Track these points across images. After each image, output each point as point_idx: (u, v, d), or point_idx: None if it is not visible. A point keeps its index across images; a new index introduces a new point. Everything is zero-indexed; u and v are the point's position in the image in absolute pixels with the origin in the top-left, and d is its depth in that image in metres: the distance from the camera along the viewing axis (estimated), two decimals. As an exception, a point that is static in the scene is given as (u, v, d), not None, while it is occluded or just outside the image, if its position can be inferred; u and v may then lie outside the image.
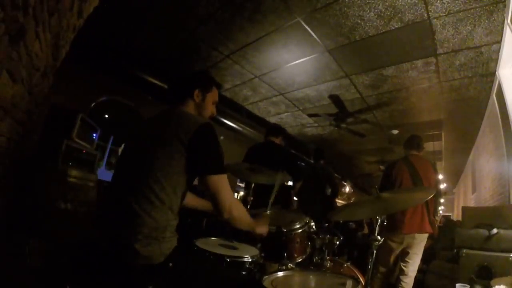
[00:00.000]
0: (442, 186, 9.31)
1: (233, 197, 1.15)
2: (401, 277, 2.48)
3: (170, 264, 1.03)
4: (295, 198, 3.90)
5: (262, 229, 1.40)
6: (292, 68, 4.13)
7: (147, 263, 1.00)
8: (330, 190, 3.99)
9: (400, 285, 2.47)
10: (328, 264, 1.82)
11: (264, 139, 3.19)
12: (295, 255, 1.66)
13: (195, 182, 1.22)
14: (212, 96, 1.39)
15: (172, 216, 1.09)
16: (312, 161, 4.19)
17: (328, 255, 1.83)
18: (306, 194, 3.81)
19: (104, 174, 4.81)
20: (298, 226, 1.70)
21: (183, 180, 1.11)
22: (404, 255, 2.50)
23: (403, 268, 2.49)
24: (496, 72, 3.52)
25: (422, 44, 3.22)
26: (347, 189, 10.76)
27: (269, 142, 3.07)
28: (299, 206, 3.81)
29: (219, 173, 1.12)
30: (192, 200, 1.53)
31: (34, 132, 2.19)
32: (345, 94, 4.70)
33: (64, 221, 2.07)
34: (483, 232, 2.64)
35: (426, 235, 2.48)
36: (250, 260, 1.38)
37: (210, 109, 1.40)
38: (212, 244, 1.52)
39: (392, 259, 2.54)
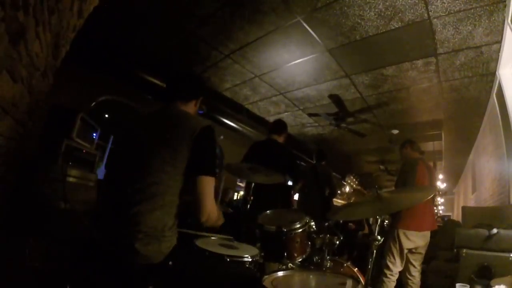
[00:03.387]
0: (443, 186, 9.35)
1: (213, 202, 1.16)
2: (413, 272, 2.55)
3: (170, 263, 1.04)
4: (295, 198, 3.89)
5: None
6: (292, 67, 4.13)
7: (147, 262, 1.00)
8: (328, 191, 4.01)
9: (411, 279, 2.54)
10: (328, 264, 1.82)
11: (267, 136, 3.13)
12: (295, 255, 1.67)
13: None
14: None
15: (172, 215, 1.09)
16: (314, 161, 4.18)
17: (328, 255, 1.83)
18: (306, 194, 3.82)
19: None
20: (298, 226, 1.70)
21: (182, 180, 1.12)
22: (416, 250, 2.53)
23: (414, 263, 2.56)
24: (496, 72, 3.52)
25: (422, 43, 3.22)
26: (347, 189, 10.75)
27: (271, 140, 3.03)
28: (298, 206, 3.81)
29: (211, 175, 1.14)
30: None
31: (34, 132, 2.19)
32: (345, 93, 4.70)
33: (64, 221, 2.07)
34: (483, 232, 2.64)
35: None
36: (250, 259, 1.38)
37: None
38: (212, 244, 1.52)
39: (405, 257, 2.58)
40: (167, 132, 1.14)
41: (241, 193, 6.85)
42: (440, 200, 11.09)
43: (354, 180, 10.41)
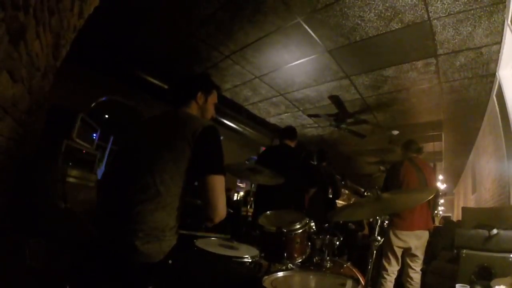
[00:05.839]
0: (443, 186, 9.33)
1: (225, 201, 1.14)
2: (411, 274, 2.53)
3: (170, 261, 1.04)
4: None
5: None
6: (292, 68, 4.13)
7: (146, 261, 1.00)
8: (332, 192, 3.99)
9: (409, 281, 2.52)
10: (328, 265, 1.81)
11: (279, 141, 3.13)
12: (295, 256, 1.66)
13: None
14: (213, 98, 1.44)
15: (174, 216, 1.09)
16: (315, 162, 4.17)
17: (328, 256, 1.83)
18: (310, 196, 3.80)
19: (104, 174, 4.81)
20: (298, 226, 1.70)
21: (186, 182, 1.12)
22: (410, 250, 2.53)
23: (411, 264, 2.54)
24: (496, 73, 3.52)
25: (422, 45, 3.22)
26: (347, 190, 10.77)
27: (284, 145, 3.03)
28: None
29: (220, 174, 1.13)
30: None
31: (34, 132, 2.19)
32: (345, 94, 4.70)
33: (64, 221, 2.06)
34: (483, 232, 2.64)
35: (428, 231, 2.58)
36: (250, 260, 1.38)
37: (211, 111, 1.45)
38: (212, 244, 1.52)
39: (400, 256, 2.57)
40: (169, 133, 1.14)
41: (241, 193, 6.85)
42: (440, 200, 11.08)
43: (350, 186, 10.46)
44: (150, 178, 1.05)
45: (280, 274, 1.28)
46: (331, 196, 3.99)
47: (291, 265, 1.59)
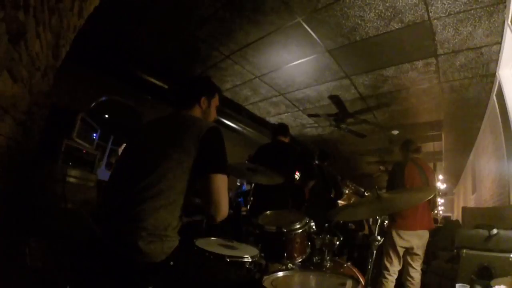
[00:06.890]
0: (443, 186, 9.34)
1: (227, 200, 1.15)
2: (412, 273, 2.54)
3: (171, 263, 1.04)
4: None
5: None
6: (292, 68, 4.13)
7: (148, 261, 1.00)
8: (334, 192, 3.99)
9: (410, 280, 2.53)
10: (328, 264, 1.82)
11: (272, 139, 3.16)
12: (295, 255, 1.67)
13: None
14: (215, 101, 1.47)
15: (176, 216, 1.10)
16: (316, 162, 4.16)
17: (328, 255, 1.83)
18: (313, 195, 3.79)
19: (104, 174, 4.81)
20: (298, 226, 1.70)
21: (189, 182, 1.12)
22: (412, 250, 2.53)
23: (412, 263, 2.54)
24: (496, 73, 3.52)
25: (422, 44, 3.22)
26: (347, 190, 10.76)
27: (279, 142, 3.06)
28: (306, 207, 3.79)
29: (223, 173, 1.13)
30: None
31: (34, 132, 2.18)
32: (345, 94, 4.70)
33: (64, 221, 2.06)
34: (483, 232, 2.64)
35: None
36: (250, 260, 1.38)
37: (214, 114, 1.47)
38: (212, 244, 1.52)
39: (401, 256, 2.57)
40: (174, 132, 1.15)
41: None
42: (440, 200, 11.09)
43: (350, 185, 10.45)
44: (154, 177, 1.06)
45: (280, 274, 1.28)
46: (333, 196, 3.99)
47: (291, 265, 1.59)
